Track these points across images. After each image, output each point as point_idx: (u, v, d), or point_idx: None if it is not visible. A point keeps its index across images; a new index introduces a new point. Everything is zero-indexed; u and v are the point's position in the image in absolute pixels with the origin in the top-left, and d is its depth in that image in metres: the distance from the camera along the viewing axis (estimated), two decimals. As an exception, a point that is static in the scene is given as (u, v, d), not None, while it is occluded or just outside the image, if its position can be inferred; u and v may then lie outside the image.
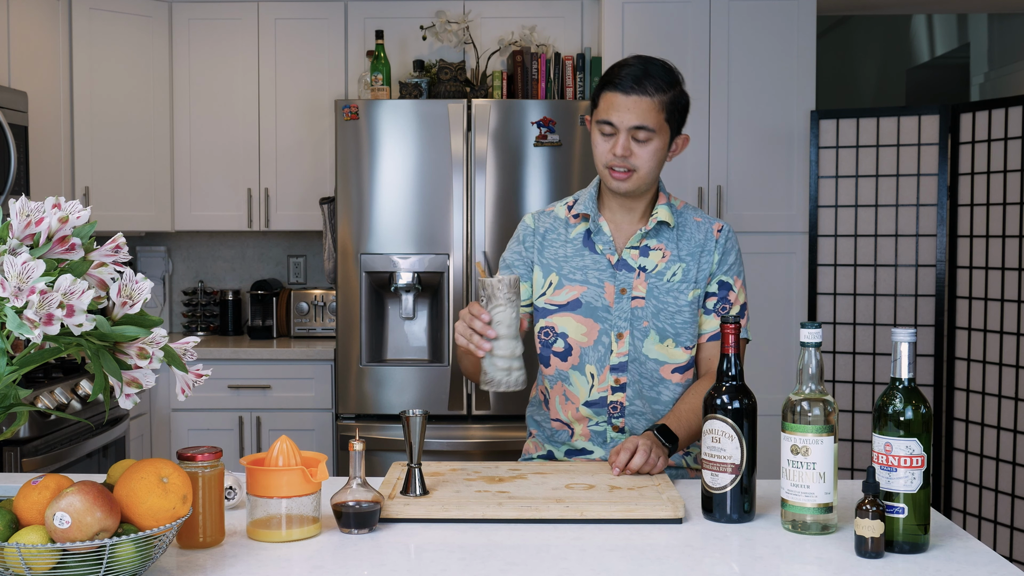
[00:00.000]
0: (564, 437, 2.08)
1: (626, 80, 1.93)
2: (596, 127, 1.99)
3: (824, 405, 1.54)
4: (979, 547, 1.50)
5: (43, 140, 3.75)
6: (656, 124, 1.95)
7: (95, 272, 1.32)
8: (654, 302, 2.01)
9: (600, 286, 2.02)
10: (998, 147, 3.61)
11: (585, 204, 2.05)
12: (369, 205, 3.86)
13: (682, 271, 2.03)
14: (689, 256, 2.04)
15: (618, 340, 2.01)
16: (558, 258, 2.05)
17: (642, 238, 2.03)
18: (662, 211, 2.03)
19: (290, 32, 4.29)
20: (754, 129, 4.04)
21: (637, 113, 1.93)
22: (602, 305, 2.01)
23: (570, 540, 1.52)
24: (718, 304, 2.04)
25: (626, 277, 2.02)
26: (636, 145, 1.95)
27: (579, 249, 2.05)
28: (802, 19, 4.03)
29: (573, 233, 2.06)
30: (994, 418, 3.61)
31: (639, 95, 1.93)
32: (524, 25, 4.21)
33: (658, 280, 2.02)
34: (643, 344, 2.01)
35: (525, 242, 2.09)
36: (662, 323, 2.01)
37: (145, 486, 1.32)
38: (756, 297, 4.06)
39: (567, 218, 2.08)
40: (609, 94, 1.96)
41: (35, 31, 3.74)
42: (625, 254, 2.03)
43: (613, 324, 2.01)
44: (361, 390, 3.88)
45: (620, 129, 1.94)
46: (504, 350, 1.77)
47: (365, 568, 1.41)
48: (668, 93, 1.96)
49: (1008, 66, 5.38)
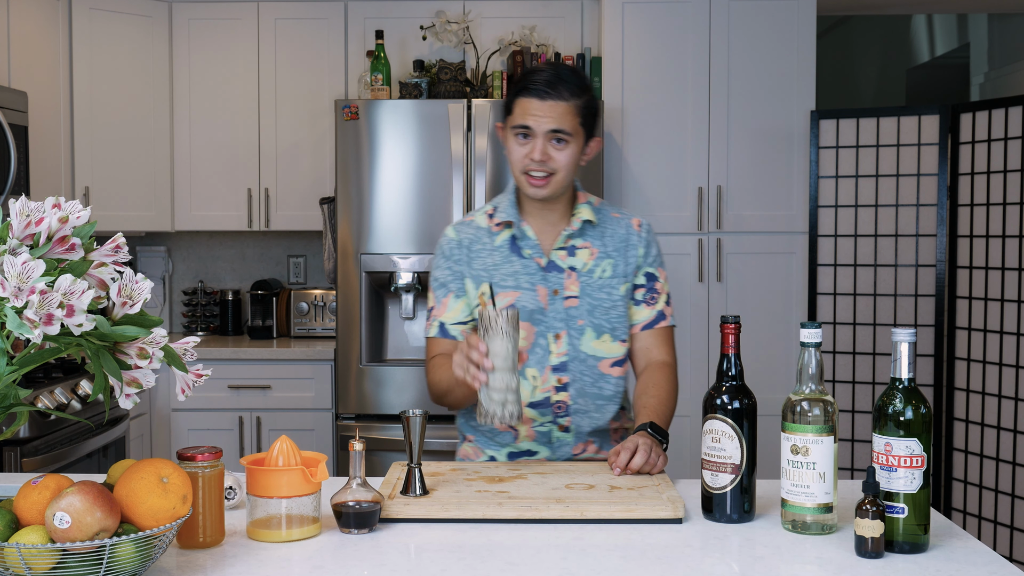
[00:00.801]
0: (507, 439, 2.09)
1: (541, 85, 1.96)
2: (511, 133, 2.01)
3: (824, 405, 1.54)
4: (979, 547, 1.50)
5: (43, 140, 3.75)
6: (572, 128, 1.98)
7: (95, 272, 1.32)
8: (588, 300, 2.05)
9: (533, 290, 2.04)
10: (998, 147, 3.61)
11: (506, 211, 2.07)
12: (369, 205, 3.86)
13: (611, 267, 2.07)
14: (616, 251, 2.08)
15: (556, 340, 2.04)
16: (487, 267, 2.06)
17: (568, 238, 2.06)
18: (584, 210, 2.07)
19: (290, 32, 4.29)
20: (754, 129, 4.04)
21: (553, 117, 1.96)
22: (537, 308, 2.04)
23: (570, 540, 1.52)
24: (647, 295, 2.10)
25: (557, 278, 2.05)
26: (553, 150, 1.98)
27: (507, 256, 2.07)
28: (802, 19, 4.03)
29: (498, 241, 2.08)
30: (994, 418, 3.61)
31: (555, 100, 1.96)
32: (524, 25, 4.21)
33: (589, 278, 2.06)
34: (580, 342, 2.05)
35: (452, 256, 2.09)
36: (598, 319, 2.05)
37: (145, 486, 1.32)
38: (756, 297, 4.07)
39: (489, 227, 2.09)
40: (524, 100, 1.98)
41: (35, 31, 3.74)
42: (553, 256, 2.06)
43: (549, 326, 2.04)
44: (361, 390, 3.88)
45: (537, 134, 1.97)
46: (500, 382, 1.77)
47: (365, 568, 1.41)
48: (582, 98, 1.99)
49: (1008, 66, 5.39)
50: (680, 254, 4.06)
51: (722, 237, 4.05)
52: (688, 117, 4.05)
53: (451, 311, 2.08)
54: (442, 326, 2.08)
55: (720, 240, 4.04)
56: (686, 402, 4.06)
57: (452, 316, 2.08)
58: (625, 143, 4.04)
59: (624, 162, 4.04)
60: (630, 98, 4.04)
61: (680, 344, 4.05)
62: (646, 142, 4.05)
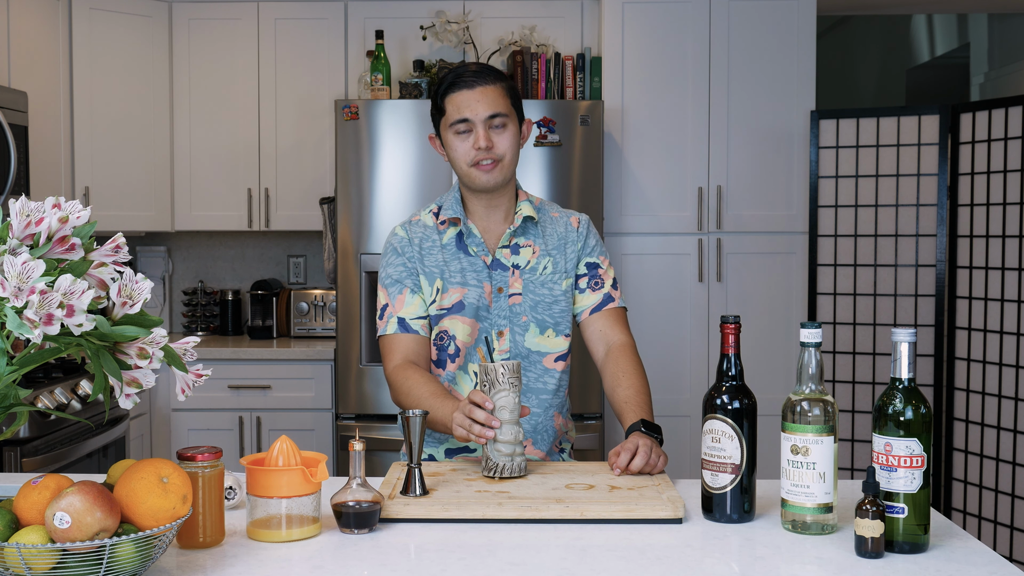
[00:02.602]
0: (444, 435, 2.10)
1: (467, 76, 2.01)
2: (450, 132, 2.03)
3: (824, 405, 1.54)
4: (979, 547, 1.50)
5: (43, 140, 3.75)
6: (507, 109, 2.02)
7: (95, 272, 1.32)
8: (531, 296, 2.08)
9: (479, 287, 2.06)
10: (998, 147, 3.61)
11: (452, 208, 2.09)
12: (369, 205, 3.86)
13: (552, 264, 2.10)
14: (555, 249, 2.12)
15: (499, 338, 2.06)
16: (438, 263, 2.08)
17: (511, 236, 2.09)
18: (525, 207, 2.10)
19: (290, 32, 4.29)
20: (754, 129, 4.04)
21: (487, 103, 2.00)
22: (483, 305, 2.06)
23: (570, 540, 1.52)
24: (591, 281, 2.13)
25: (501, 276, 2.08)
26: (495, 134, 2.01)
27: (454, 253, 2.09)
28: (802, 19, 4.04)
29: (445, 239, 2.10)
30: (994, 418, 3.61)
31: (484, 84, 2.00)
32: (524, 25, 4.21)
33: (532, 275, 2.09)
34: (524, 338, 2.07)
35: (405, 253, 2.10)
36: (540, 315, 2.08)
37: (145, 486, 1.32)
38: (756, 297, 4.07)
39: (435, 225, 2.12)
40: (455, 95, 2.02)
41: (35, 31, 3.74)
42: (498, 254, 2.09)
43: (493, 323, 2.07)
44: (361, 390, 3.88)
45: (476, 122, 2.00)
46: (508, 435, 1.78)
47: (365, 568, 1.41)
48: (505, 80, 2.05)
49: (1008, 66, 5.39)
50: (680, 254, 4.06)
51: (722, 237, 4.05)
52: (688, 117, 4.05)
53: (409, 306, 2.07)
54: (402, 321, 2.07)
55: (720, 240, 4.05)
56: (686, 402, 4.07)
57: (411, 311, 2.07)
58: (625, 143, 4.04)
59: (624, 162, 4.04)
60: (630, 98, 4.04)
61: (680, 344, 4.07)
62: (646, 142, 4.05)
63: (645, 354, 3.93)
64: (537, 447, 2.10)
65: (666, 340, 4.06)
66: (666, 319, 4.06)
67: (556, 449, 2.15)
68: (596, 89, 4.12)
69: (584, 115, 3.84)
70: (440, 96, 2.04)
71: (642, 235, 4.05)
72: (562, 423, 2.15)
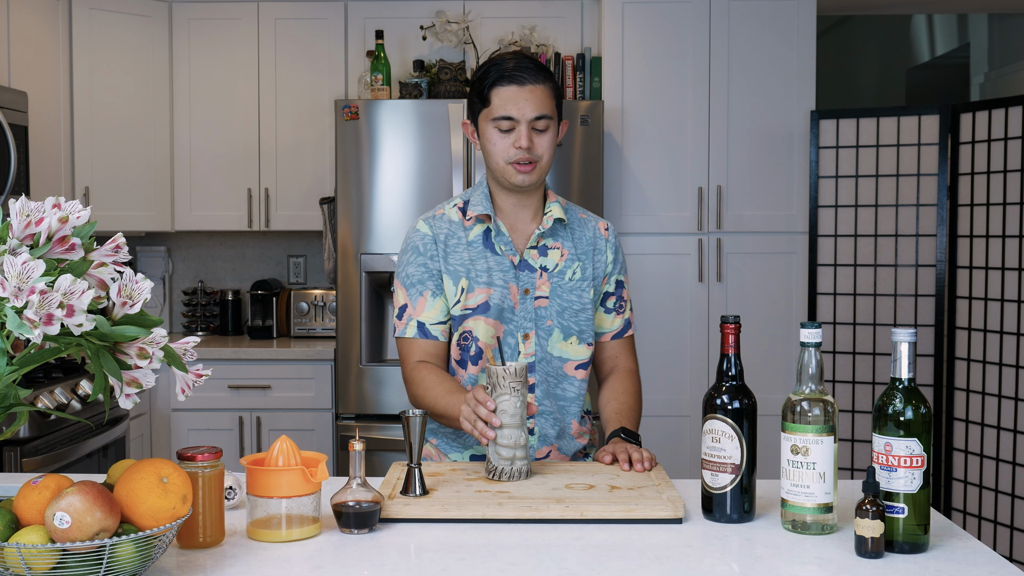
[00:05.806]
0: (471, 441, 2.06)
1: (518, 72, 1.94)
2: (490, 125, 1.97)
3: (824, 405, 1.54)
4: (979, 547, 1.50)
5: (43, 140, 3.75)
6: (551, 111, 1.98)
7: (95, 272, 1.32)
8: (558, 301, 2.03)
9: (506, 287, 2.01)
10: (998, 147, 3.61)
11: (482, 204, 2.03)
12: (369, 205, 3.86)
13: (580, 269, 2.06)
14: (584, 255, 2.07)
15: (525, 340, 2.02)
16: (464, 262, 2.02)
17: (539, 237, 2.04)
18: (556, 209, 2.05)
19: (290, 32, 4.29)
20: (754, 129, 4.04)
21: (535, 103, 1.94)
22: (508, 307, 2.01)
23: (570, 540, 1.52)
24: (617, 303, 2.12)
25: (529, 277, 2.03)
26: (536, 136, 1.96)
27: (481, 251, 2.03)
28: (802, 19, 4.04)
29: (471, 236, 2.04)
30: (994, 418, 3.61)
31: (534, 84, 1.94)
32: (524, 25, 4.21)
33: (560, 279, 2.04)
34: (548, 343, 2.03)
35: (427, 252, 2.03)
36: (566, 321, 2.04)
37: (145, 486, 1.32)
38: (756, 297, 4.07)
39: (461, 220, 2.06)
40: (503, 88, 1.95)
41: (35, 31, 3.74)
42: (526, 254, 2.04)
43: (519, 325, 2.02)
44: (361, 390, 3.88)
45: (520, 121, 1.95)
46: (508, 439, 1.76)
47: (365, 568, 1.40)
48: (552, 80, 1.99)
49: (1008, 66, 5.39)
50: (680, 254, 4.06)
51: (722, 237, 4.05)
52: (688, 117, 4.05)
53: (430, 310, 2.02)
54: (421, 326, 2.02)
55: (720, 240, 4.05)
56: (686, 402, 4.07)
57: (431, 316, 2.02)
58: (625, 143, 4.04)
59: (624, 162, 4.04)
60: (630, 98, 4.04)
61: (680, 344, 4.07)
62: (646, 142, 4.05)
63: (645, 354, 3.96)
64: (562, 452, 2.09)
65: (666, 340, 4.06)
66: (666, 319, 4.06)
67: (581, 455, 2.13)
68: (596, 89, 4.12)
69: (584, 115, 3.84)
70: (487, 86, 1.96)
71: (642, 235, 4.05)
72: (579, 429, 2.12)
